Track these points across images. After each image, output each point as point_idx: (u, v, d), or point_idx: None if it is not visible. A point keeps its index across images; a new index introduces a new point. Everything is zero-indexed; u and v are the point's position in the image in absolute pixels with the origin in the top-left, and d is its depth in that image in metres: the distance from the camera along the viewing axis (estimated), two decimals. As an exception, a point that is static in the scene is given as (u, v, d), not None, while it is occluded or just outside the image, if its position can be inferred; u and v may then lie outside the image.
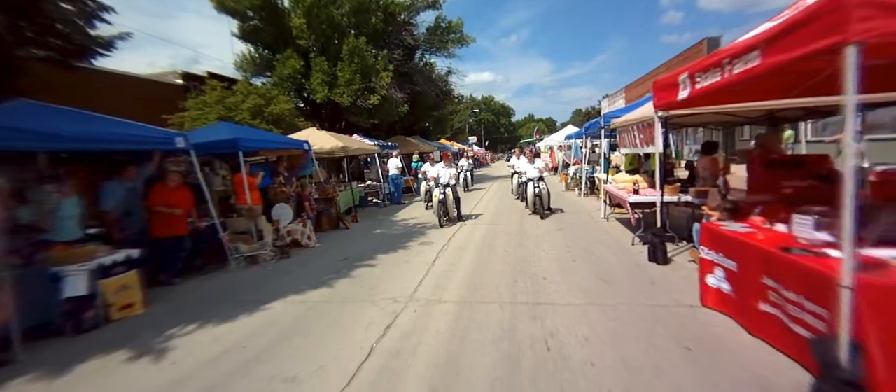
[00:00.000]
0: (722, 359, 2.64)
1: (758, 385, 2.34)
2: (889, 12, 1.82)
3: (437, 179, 8.22)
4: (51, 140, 3.96)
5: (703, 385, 2.38)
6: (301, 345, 3.24)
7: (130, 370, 3.06)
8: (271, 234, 6.31)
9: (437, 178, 8.24)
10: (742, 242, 2.98)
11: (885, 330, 1.93)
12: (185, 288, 5.03)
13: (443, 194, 8.03)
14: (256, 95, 11.96)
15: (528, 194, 8.57)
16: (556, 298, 3.88)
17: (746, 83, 2.89)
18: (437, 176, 8.29)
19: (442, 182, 8.19)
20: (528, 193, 8.56)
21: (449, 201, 8.13)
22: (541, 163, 8.89)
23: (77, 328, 3.75)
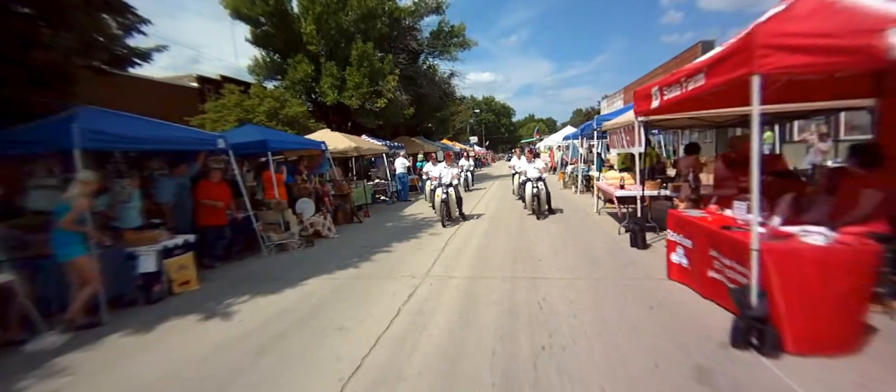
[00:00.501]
0: (676, 313, 3.38)
1: (700, 329, 3.07)
2: (779, 53, 2.56)
3: (440, 179, 8.32)
4: (124, 141, 4.71)
5: (660, 330, 3.11)
6: (341, 308, 3.98)
7: (205, 327, 3.80)
8: (297, 225, 7.05)
9: (439, 178, 8.36)
10: (696, 224, 3.72)
11: (782, 280, 2.67)
12: (227, 270, 5.78)
13: (445, 194, 8.08)
14: (271, 99, 12.71)
15: (527, 194, 8.51)
16: (548, 274, 4.63)
17: (698, 97, 3.64)
18: (439, 175, 8.39)
19: (444, 181, 8.24)
20: (527, 193, 8.49)
21: (451, 201, 8.18)
22: (541, 163, 8.86)
23: (147, 299, 4.49)
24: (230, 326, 3.76)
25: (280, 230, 6.77)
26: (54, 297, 3.90)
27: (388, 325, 3.45)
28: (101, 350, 3.45)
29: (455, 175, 8.50)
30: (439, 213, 8.21)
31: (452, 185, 8.30)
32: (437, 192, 8.29)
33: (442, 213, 8.09)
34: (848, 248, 2.64)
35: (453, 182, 8.34)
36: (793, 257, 2.66)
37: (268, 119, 12.16)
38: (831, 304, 2.59)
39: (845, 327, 2.63)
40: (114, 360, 3.26)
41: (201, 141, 5.82)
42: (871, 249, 2.64)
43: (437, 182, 8.38)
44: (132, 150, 5.14)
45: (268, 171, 7.08)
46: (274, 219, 6.89)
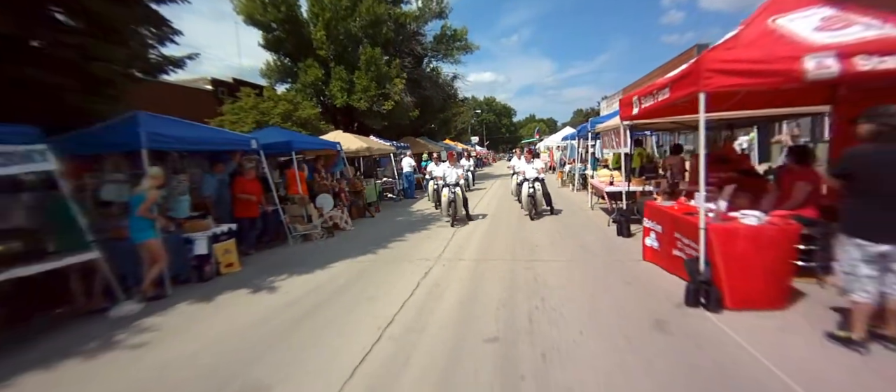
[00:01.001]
0: (645, 285, 4.12)
1: (662, 294, 3.81)
2: (718, 75, 3.29)
3: (444, 178, 8.27)
4: (178, 142, 5.46)
5: (631, 296, 3.85)
6: (368, 283, 4.73)
7: (256, 298, 4.55)
8: (318, 218, 7.80)
9: (444, 178, 8.31)
10: (665, 212, 4.45)
11: (723, 252, 3.40)
12: (260, 256, 6.52)
13: (453, 194, 8.02)
14: (286, 102, 13.46)
15: (523, 195, 8.42)
16: (544, 257, 5.37)
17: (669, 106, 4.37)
18: (443, 175, 8.36)
19: (450, 181, 8.18)
20: (523, 194, 8.38)
21: (458, 200, 8.08)
22: (539, 163, 8.80)
23: (200, 277, 5.24)
24: (277, 297, 4.50)
25: (304, 222, 7.52)
26: (130, 274, 4.64)
27: (410, 293, 4.20)
28: (173, 315, 4.20)
29: (460, 175, 8.44)
30: (445, 213, 8.17)
31: (459, 184, 8.27)
32: (444, 193, 8.17)
33: (449, 213, 8.03)
34: (774, 227, 3.38)
35: (459, 182, 8.30)
36: (731, 234, 3.40)
37: (283, 121, 12.91)
38: (761, 271, 3.33)
39: (772, 288, 3.36)
40: (186, 321, 4.01)
41: (237, 142, 6.57)
42: (793, 228, 3.37)
43: (443, 182, 8.31)
44: (183, 150, 5.89)
45: (292, 169, 7.83)
46: (298, 212, 7.64)
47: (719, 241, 3.41)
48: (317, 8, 16.88)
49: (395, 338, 3.23)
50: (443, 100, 22.16)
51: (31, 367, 3.12)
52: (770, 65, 3.30)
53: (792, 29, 3.70)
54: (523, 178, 8.53)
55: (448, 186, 8.15)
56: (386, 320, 3.55)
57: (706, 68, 3.34)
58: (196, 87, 17.27)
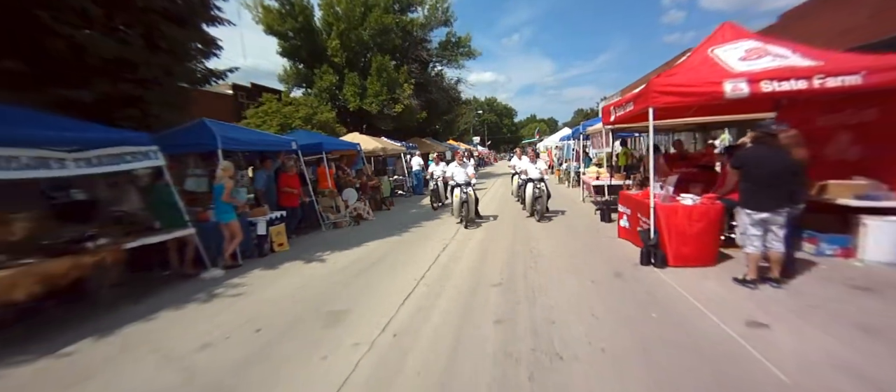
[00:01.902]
0: (614, 252, 5.36)
1: (625, 257, 5.04)
2: (662, 95, 4.53)
3: (453, 178, 8.11)
4: (241, 144, 6.73)
5: (601, 259, 5.09)
6: (399, 255, 5.98)
7: (311, 266, 5.79)
8: (345, 208, 9.05)
9: (451, 178, 8.16)
10: (632, 198, 5.69)
11: (666, 224, 4.63)
12: (301, 239, 7.76)
13: (465, 195, 7.75)
14: (306, 106, 14.74)
15: (527, 195, 8.22)
16: (538, 236, 6.61)
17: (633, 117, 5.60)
18: (451, 175, 8.17)
19: (460, 181, 7.98)
20: (527, 194, 8.22)
21: (470, 201, 7.80)
22: (542, 163, 8.54)
23: (260, 253, 6.49)
24: (327, 265, 5.75)
25: (334, 212, 8.77)
26: (211, 248, 5.89)
27: (434, 260, 5.45)
28: (251, 278, 5.44)
29: (470, 174, 8.10)
30: (457, 215, 7.97)
31: (470, 184, 8.01)
32: (456, 193, 7.92)
33: (462, 215, 7.81)
34: (703, 205, 4.61)
35: (471, 182, 8.04)
36: (672, 211, 4.64)
37: (304, 124, 14.18)
38: (693, 238, 4.56)
39: (701, 250, 4.59)
40: (262, 281, 5.25)
41: (282, 143, 7.84)
42: (716, 207, 4.61)
43: (452, 182, 8.15)
44: (243, 150, 7.15)
45: (322, 167, 9.09)
46: (329, 203, 8.90)
47: (664, 215, 4.65)
48: (331, 18, 18.16)
49: (428, 284, 4.48)
50: (447, 103, 23.43)
51: (165, 307, 4.37)
52: (699, 87, 4.54)
53: (723, 58, 4.95)
54: (527, 177, 8.34)
55: (459, 187, 7.93)
56: (419, 275, 4.81)
57: (653, 90, 4.58)
58: (217, 92, 18.58)
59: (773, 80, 4.42)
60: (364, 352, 3.04)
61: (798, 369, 2.52)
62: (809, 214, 5.12)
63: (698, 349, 2.82)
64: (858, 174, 4.99)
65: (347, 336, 3.32)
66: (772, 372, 2.51)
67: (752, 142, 3.90)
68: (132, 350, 3.38)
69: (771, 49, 4.93)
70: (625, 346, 2.91)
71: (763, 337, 2.95)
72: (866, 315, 3.23)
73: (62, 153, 4.14)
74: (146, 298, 4.67)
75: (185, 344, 3.41)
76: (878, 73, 4.37)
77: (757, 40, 5.18)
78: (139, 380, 2.89)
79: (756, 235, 3.85)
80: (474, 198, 8.05)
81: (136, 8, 6.22)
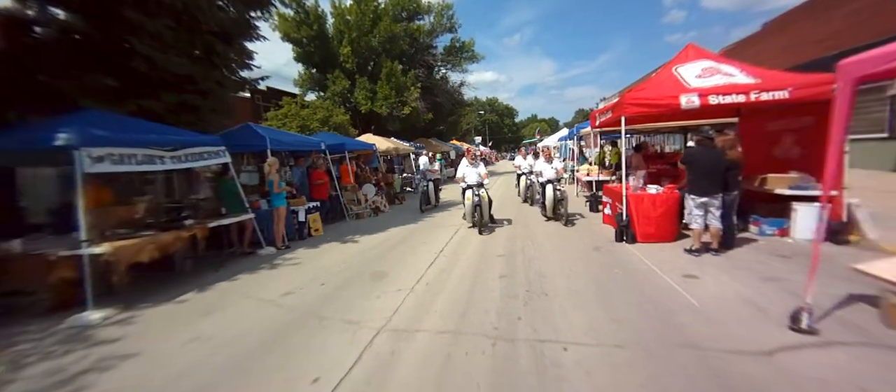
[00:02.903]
0: (595, 234, 6.55)
1: (603, 237, 6.23)
2: (632, 106, 5.72)
3: (464, 180, 7.49)
4: (283, 144, 7.92)
5: (584, 239, 6.27)
6: (418, 238, 7.17)
7: (346, 245, 6.99)
8: (365, 201, 10.25)
9: (462, 179, 7.53)
10: (612, 190, 6.87)
11: (635, 209, 5.81)
12: (330, 227, 8.95)
13: (477, 196, 7.05)
14: (323, 109, 15.95)
15: (548, 198, 7.70)
16: (534, 223, 7.80)
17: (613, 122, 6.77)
18: (462, 176, 7.56)
19: (471, 182, 7.35)
20: (548, 197, 7.69)
21: (484, 205, 7.11)
22: (558, 164, 8.12)
23: (300, 236, 7.69)
24: (360, 245, 6.94)
25: (357, 204, 9.98)
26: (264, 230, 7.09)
27: (448, 241, 6.65)
28: (299, 254, 6.63)
29: (483, 174, 7.47)
30: (470, 219, 7.32)
31: (483, 185, 7.37)
32: (468, 196, 7.25)
33: (475, 219, 7.10)
34: (664, 194, 5.79)
35: (484, 182, 7.41)
36: (640, 198, 5.82)
37: (321, 125, 15.39)
38: (655, 220, 5.74)
39: (662, 230, 5.77)
40: (310, 256, 6.44)
41: (313, 144, 9.04)
42: (675, 196, 5.79)
43: (464, 184, 7.49)
44: (284, 150, 8.36)
45: (345, 164, 10.29)
46: (351, 197, 10.10)
47: (633, 202, 5.84)
48: (342, 26, 19.37)
49: (446, 256, 5.68)
50: (452, 105, 24.63)
51: (240, 272, 5.57)
52: (661, 99, 5.72)
53: (683, 75, 6.12)
54: (545, 179, 7.90)
55: (471, 188, 7.29)
56: (438, 250, 6.01)
57: (625, 102, 5.77)
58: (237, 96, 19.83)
59: (719, 95, 5.59)
60: (406, 294, 4.24)
61: (707, 299, 3.71)
62: (758, 202, 6.33)
63: (643, 291, 4.00)
64: (797, 169, 6.17)
65: (391, 286, 4.53)
66: (689, 301, 3.69)
67: (696, 144, 5.09)
68: (231, 297, 4.59)
69: (722, 68, 6.10)
70: (591, 290, 4.10)
71: (691, 283, 4.14)
72: (773, 271, 4.41)
73: (163, 151, 5.34)
74: (222, 268, 5.87)
75: (270, 292, 4.61)
76: (802, 89, 5.53)
77: (713, 60, 6.35)
78: (248, 312, 4.10)
79: (698, 215, 5.03)
80: (488, 200, 7.29)
81: (199, 30, 7.44)
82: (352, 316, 3.77)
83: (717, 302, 3.65)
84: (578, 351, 2.91)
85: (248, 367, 2.97)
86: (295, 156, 8.98)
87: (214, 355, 3.21)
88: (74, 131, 4.31)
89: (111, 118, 5.24)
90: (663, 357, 2.77)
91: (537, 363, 2.78)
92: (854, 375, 2.45)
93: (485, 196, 7.22)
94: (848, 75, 2.78)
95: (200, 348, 3.35)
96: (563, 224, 7.40)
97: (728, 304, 3.60)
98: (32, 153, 5.09)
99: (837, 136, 2.88)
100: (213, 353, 3.26)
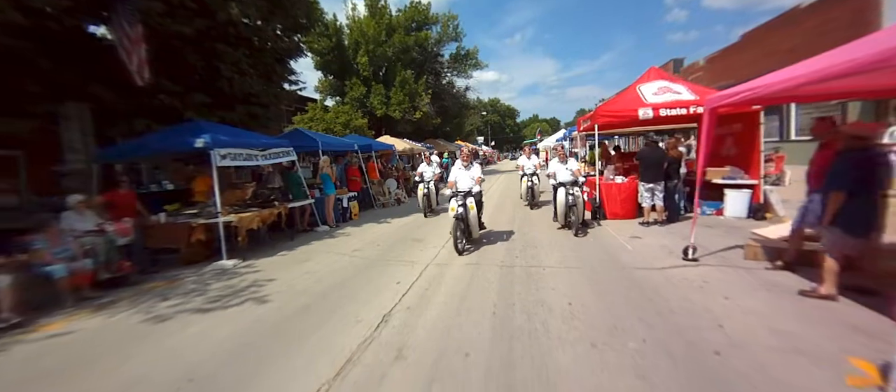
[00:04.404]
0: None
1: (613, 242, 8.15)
2: (603, 117, 7.64)
3: (455, 185, 6.10)
4: (331, 146, 9.87)
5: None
6: (438, 220, 9.10)
7: (382, 225, 8.92)
8: (389, 193, 12.20)
9: (454, 184, 6.13)
10: (591, 181, 8.78)
11: (606, 194, 7.74)
12: (364, 214, 10.88)
13: (462, 207, 5.79)
14: (345, 114, 17.93)
15: (559, 203, 6.88)
16: (529, 212, 9.74)
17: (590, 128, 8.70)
18: (453, 180, 6.18)
19: (462, 188, 6.02)
20: (559, 202, 6.87)
21: (471, 218, 5.94)
22: (574, 164, 7.13)
23: (343, 219, 9.64)
24: (393, 225, 8.87)
25: (383, 195, 11.93)
26: (319, 213, 9.02)
27: (464, 219, 8.59)
28: (347, 230, 8.56)
29: (477, 179, 6.20)
30: (452, 235, 5.79)
31: (472, 193, 6.05)
32: (452, 205, 5.85)
33: (455, 234, 5.74)
34: (627, 183, 7.71)
35: (473, 189, 6.11)
36: (610, 186, 7.74)
37: (343, 129, 17.36)
38: (620, 203, 7.66)
39: (625, 210, 7.69)
40: (358, 231, 8.36)
41: (348, 145, 11.00)
42: (634, 184, 7.70)
43: (451, 191, 6.10)
44: (329, 150, 10.32)
45: (372, 162, 12.25)
46: (378, 190, 12.05)
47: (604, 189, 7.75)
48: (359, 37, 21.33)
49: (463, 228, 7.62)
50: (457, 108, 26.59)
51: (311, 241, 7.50)
52: (624, 112, 7.62)
53: (643, 92, 8.02)
54: (557, 181, 6.96)
55: (456, 196, 5.90)
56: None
57: (598, 113, 7.69)
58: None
59: (668, 108, 7.49)
60: (440, 248, 6.18)
61: (640, 248, 5.63)
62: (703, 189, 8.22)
63: (605, 249, 5.89)
64: (731, 165, 8.06)
65: (429, 245, 6.47)
66: (628, 249, 5.61)
67: (645, 145, 6.99)
68: (316, 253, 6.54)
69: (672, 87, 8.00)
70: (571, 254, 6.02)
71: (634, 241, 6.05)
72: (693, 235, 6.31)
73: (257, 151, 7.29)
74: (296, 237, 7.83)
75: (343, 249, 6.56)
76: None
77: (668, 81, 8.25)
78: (333, 260, 6.03)
79: (647, 196, 6.94)
80: (476, 212, 6.05)
81: (264, 55, 9.40)
82: (407, 259, 5.71)
83: (645, 249, 5.58)
84: (552, 270, 4.83)
85: (348, 283, 4.90)
86: (335, 155, 10.92)
87: (323, 279, 5.14)
88: (209, 137, 6.24)
89: (221, 127, 7.19)
90: (602, 272, 4.69)
91: (528, 275, 4.70)
92: (707, 278, 4.35)
93: (472, 208, 5.88)
94: (708, 105, 4.70)
95: (312, 276, 5.28)
96: (573, 233, 6.69)
97: (651, 250, 5.53)
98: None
99: (705, 149, 4.79)
100: (321, 279, 5.18)
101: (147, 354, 3.37)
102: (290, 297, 4.57)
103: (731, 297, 3.71)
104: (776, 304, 3.54)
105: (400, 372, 2.75)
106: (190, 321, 4.05)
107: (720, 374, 2.52)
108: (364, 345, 3.20)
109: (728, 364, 2.62)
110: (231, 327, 3.81)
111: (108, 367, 3.18)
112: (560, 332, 3.21)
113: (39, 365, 3.33)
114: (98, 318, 4.34)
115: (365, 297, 4.32)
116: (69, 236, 5.06)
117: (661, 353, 2.80)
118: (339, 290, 4.65)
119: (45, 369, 3.24)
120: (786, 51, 15.98)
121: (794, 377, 2.44)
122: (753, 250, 4.85)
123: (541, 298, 3.98)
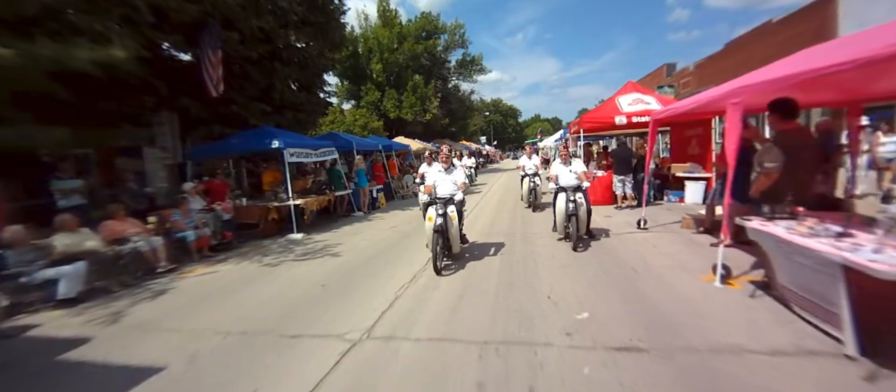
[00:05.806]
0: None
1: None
2: (587, 123, 9.54)
3: (434, 190, 5.26)
4: (361, 146, 11.80)
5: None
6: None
7: (406, 212, 10.83)
8: (407, 187, 14.13)
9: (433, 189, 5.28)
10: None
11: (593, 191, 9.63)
12: (388, 204, 12.81)
13: (442, 217, 4.95)
14: (362, 117, 19.87)
15: (559, 210, 6.13)
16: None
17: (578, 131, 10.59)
18: (433, 184, 5.33)
19: (440, 195, 5.22)
20: (559, 209, 6.11)
21: (452, 231, 5.12)
22: (579, 166, 6.31)
23: (373, 207, 11.57)
24: (415, 212, 10.75)
25: (402, 189, 13.86)
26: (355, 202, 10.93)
27: (476, 204, 10.49)
28: (379, 215, 10.48)
29: (461, 184, 5.44)
30: (431, 249, 4.97)
31: (453, 201, 5.18)
32: (429, 214, 5.05)
33: (434, 248, 4.92)
34: (605, 177, 9.61)
35: (456, 197, 5.28)
36: (597, 181, 9.63)
37: (361, 130, 19.30)
38: (601, 192, 9.56)
39: (604, 198, 9.58)
40: (389, 216, 10.27)
41: (373, 146, 12.93)
42: (610, 177, 9.59)
43: (432, 195, 5.25)
44: (358, 149, 12.26)
45: (392, 159, 14.18)
46: (398, 184, 13.98)
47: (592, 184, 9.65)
48: (374, 45, 23.27)
49: (475, 211, 9.52)
50: (463, 110, 28.50)
51: (352, 223, 9.43)
52: (604, 119, 9.53)
53: (620, 102, 9.92)
54: (560, 186, 6.15)
55: (435, 203, 5.11)
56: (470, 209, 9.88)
57: (583, 120, 9.58)
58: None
59: (639, 116, 9.38)
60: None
61: (610, 222, 7.53)
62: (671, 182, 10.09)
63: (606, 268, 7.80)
64: (693, 162, 9.94)
65: (449, 223, 8.39)
66: (602, 224, 7.50)
67: (617, 145, 8.87)
68: (363, 229, 8.47)
69: (644, 98, 9.88)
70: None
71: (608, 219, 7.95)
72: (653, 215, 8.19)
73: (311, 150, 9.20)
74: (340, 220, 9.76)
75: (384, 226, 8.50)
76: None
77: (641, 93, 10.13)
78: (378, 233, 7.95)
79: (619, 185, 8.84)
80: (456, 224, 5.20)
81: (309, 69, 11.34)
82: (435, 231, 7.64)
83: (613, 222, 7.48)
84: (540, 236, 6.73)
85: (396, 245, 6.81)
86: (363, 153, 12.84)
87: (377, 244, 7.05)
88: (282, 140, 8.16)
89: (283, 132, 9.11)
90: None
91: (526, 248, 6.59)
92: (647, 238, 6.22)
93: (453, 217, 5.07)
94: (653, 117, 6.59)
95: (367, 241, 7.20)
96: (571, 248, 5.78)
97: (618, 223, 7.42)
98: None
99: (650, 150, 6.68)
100: (375, 243, 7.09)
101: (281, 279, 5.29)
102: (357, 253, 6.49)
103: (658, 247, 5.62)
104: (683, 248, 5.44)
105: (440, 293, 4.62)
106: (293, 266, 5.98)
107: (631, 278, 4.41)
108: (417, 275, 5.08)
109: (638, 274, 4.52)
110: (324, 269, 5.72)
111: (256, 288, 5.08)
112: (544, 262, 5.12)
113: (203, 290, 5.21)
114: (227, 266, 6.28)
115: (413, 249, 6.25)
116: (193, 211, 7.00)
117: (601, 273, 4.69)
118: (391, 249, 6.58)
119: (210, 291, 5.12)
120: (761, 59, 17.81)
121: (672, 277, 4.34)
122: (687, 221, 6.74)
123: (533, 250, 5.88)
